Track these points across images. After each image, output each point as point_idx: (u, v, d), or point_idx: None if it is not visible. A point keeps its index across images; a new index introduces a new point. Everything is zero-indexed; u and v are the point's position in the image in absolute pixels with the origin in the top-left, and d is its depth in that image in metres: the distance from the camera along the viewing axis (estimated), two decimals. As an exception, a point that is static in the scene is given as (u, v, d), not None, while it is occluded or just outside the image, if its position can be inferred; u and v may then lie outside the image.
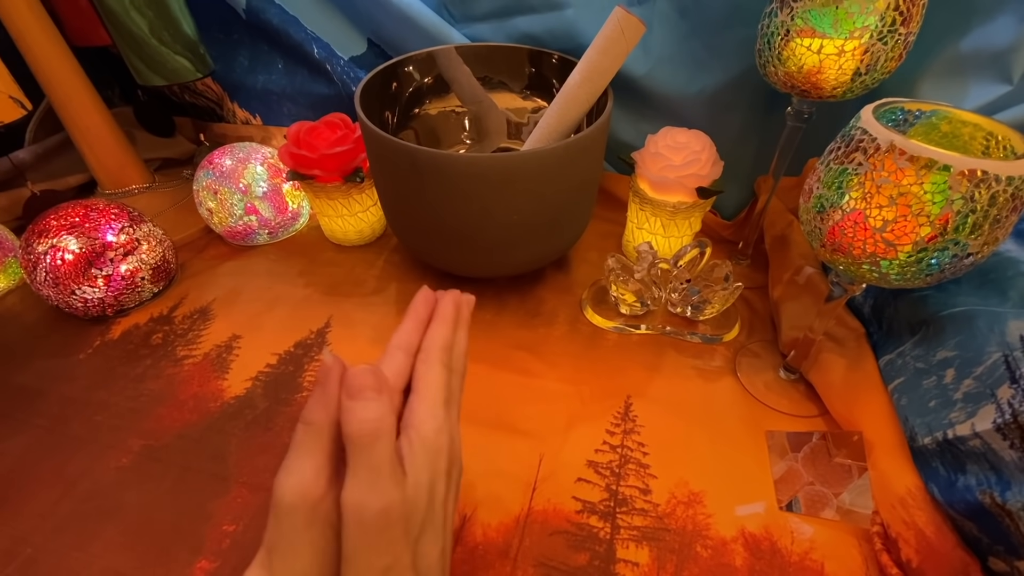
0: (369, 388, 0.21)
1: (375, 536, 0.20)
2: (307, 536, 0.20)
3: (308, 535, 0.20)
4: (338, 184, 0.52)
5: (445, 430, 0.23)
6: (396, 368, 0.25)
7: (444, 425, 0.23)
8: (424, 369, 0.24)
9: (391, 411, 0.22)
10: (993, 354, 0.31)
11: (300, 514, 0.20)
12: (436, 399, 0.24)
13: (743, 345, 0.48)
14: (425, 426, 0.23)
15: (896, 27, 0.34)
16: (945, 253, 0.27)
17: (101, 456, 0.39)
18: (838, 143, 0.30)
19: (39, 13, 0.50)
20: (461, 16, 0.57)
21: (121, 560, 0.33)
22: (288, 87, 0.66)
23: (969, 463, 0.31)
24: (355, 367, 0.22)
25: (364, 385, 0.21)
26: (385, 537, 0.20)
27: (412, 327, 0.26)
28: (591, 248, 0.58)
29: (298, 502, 0.20)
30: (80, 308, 0.47)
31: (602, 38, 0.42)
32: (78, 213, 0.46)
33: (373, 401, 0.21)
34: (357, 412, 0.21)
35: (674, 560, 0.33)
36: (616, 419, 0.41)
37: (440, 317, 0.26)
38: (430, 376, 0.24)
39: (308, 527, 0.20)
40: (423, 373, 0.24)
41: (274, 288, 0.53)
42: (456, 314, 0.27)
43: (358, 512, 0.20)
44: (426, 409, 0.23)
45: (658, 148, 0.48)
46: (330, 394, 0.21)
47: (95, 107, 0.56)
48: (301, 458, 0.21)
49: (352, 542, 0.20)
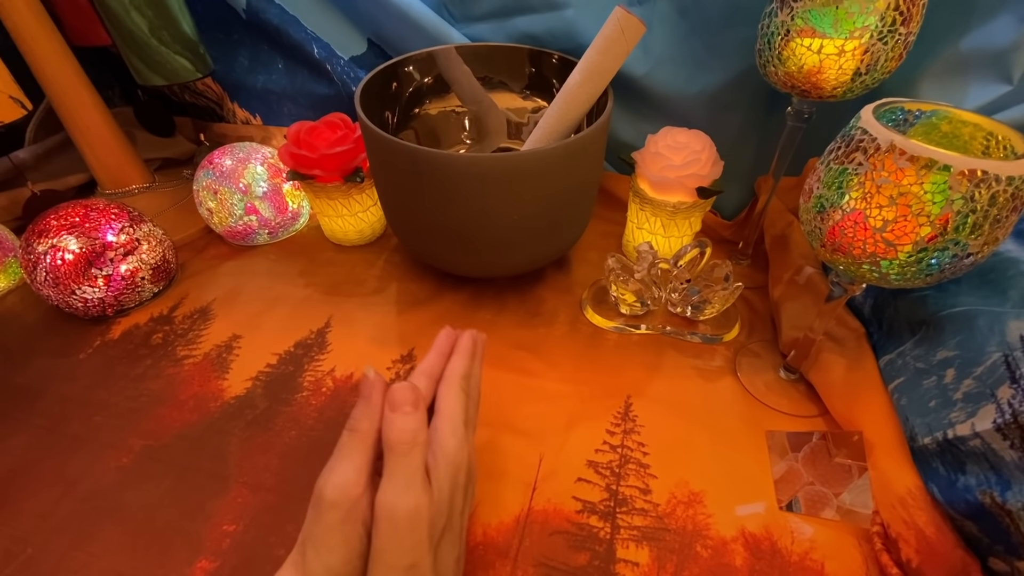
0: (408, 403, 0.24)
1: (404, 534, 0.22)
2: (342, 532, 0.22)
3: (343, 531, 0.22)
4: (338, 184, 0.52)
5: (465, 448, 0.26)
6: (421, 391, 0.27)
7: (464, 443, 0.26)
8: (447, 393, 0.27)
9: (425, 425, 0.24)
10: (993, 354, 0.31)
11: (339, 511, 0.22)
12: (457, 420, 0.26)
13: (743, 345, 0.48)
14: (448, 443, 0.25)
15: (896, 27, 0.34)
16: (945, 253, 0.27)
17: (101, 456, 0.39)
18: (838, 143, 0.30)
19: (39, 13, 0.50)
20: (461, 16, 0.57)
21: (121, 560, 0.33)
22: (288, 87, 0.66)
23: (969, 463, 0.31)
24: (397, 384, 0.25)
25: (404, 400, 0.24)
26: (412, 537, 0.22)
27: (436, 359, 0.29)
28: (591, 248, 0.58)
29: (339, 499, 0.22)
30: (80, 308, 0.47)
31: (602, 38, 0.42)
32: (78, 213, 0.46)
33: (411, 415, 0.24)
34: (397, 422, 0.24)
35: (674, 560, 0.33)
36: (616, 419, 0.41)
37: (460, 349, 0.29)
38: (451, 399, 0.27)
39: (344, 523, 0.22)
40: (446, 396, 0.27)
41: (274, 288, 0.53)
42: (474, 348, 0.30)
43: (391, 511, 0.22)
44: (449, 428, 0.26)
45: (658, 148, 0.48)
46: (374, 406, 0.24)
47: (95, 107, 0.56)
48: (344, 460, 0.23)
49: (382, 539, 0.22)
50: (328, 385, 0.44)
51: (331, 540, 0.22)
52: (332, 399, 0.43)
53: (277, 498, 0.36)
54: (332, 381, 0.44)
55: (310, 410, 0.42)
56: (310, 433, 0.40)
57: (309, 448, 0.39)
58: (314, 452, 0.39)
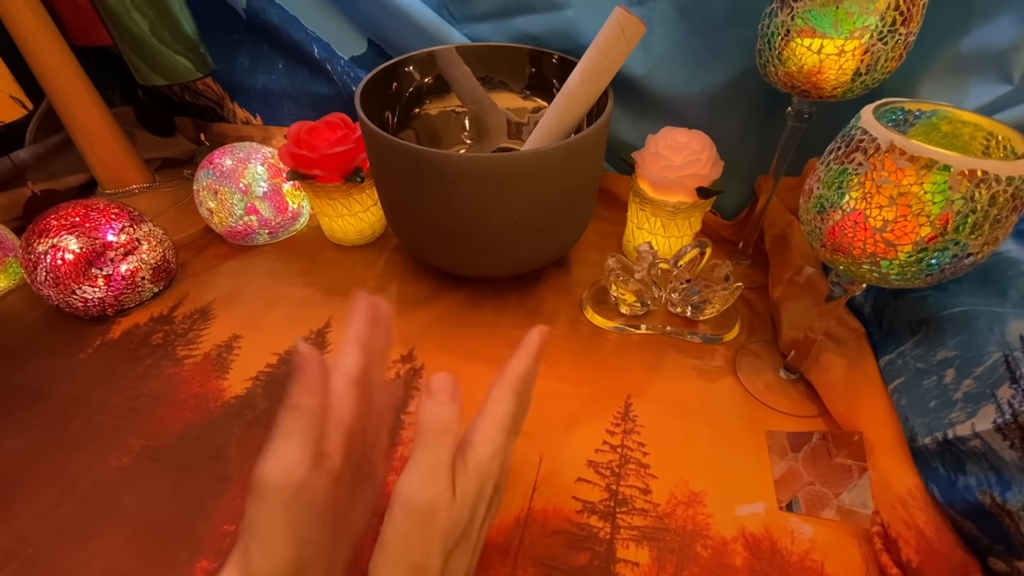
0: (446, 392, 0.23)
1: (416, 529, 0.21)
2: (287, 518, 0.20)
3: (288, 517, 0.20)
4: (338, 184, 0.52)
5: (499, 458, 0.24)
6: (460, 386, 0.25)
7: (499, 452, 0.24)
8: (499, 394, 0.25)
9: (459, 419, 0.23)
10: (993, 354, 0.31)
11: (281, 496, 0.20)
12: (501, 425, 0.24)
13: (743, 345, 0.48)
14: (483, 450, 0.23)
15: (896, 27, 0.34)
16: (945, 253, 0.27)
17: (101, 456, 0.39)
18: (838, 143, 0.30)
19: (40, 13, 0.50)
20: (461, 16, 0.57)
21: (121, 560, 0.33)
22: (288, 87, 0.66)
23: (969, 463, 0.31)
24: (438, 373, 0.23)
25: (442, 388, 0.23)
26: (424, 534, 0.21)
27: (366, 328, 0.25)
28: (591, 248, 0.58)
29: (280, 483, 0.20)
30: (80, 308, 0.47)
31: (602, 38, 0.42)
32: (78, 213, 0.46)
33: (447, 405, 0.23)
34: (432, 407, 0.22)
35: (674, 560, 0.33)
36: (616, 419, 0.41)
37: (526, 347, 0.27)
38: (502, 402, 0.25)
39: (288, 509, 0.20)
40: (497, 398, 0.25)
41: (274, 288, 0.53)
42: (540, 348, 0.27)
43: (408, 499, 0.21)
44: (488, 432, 0.24)
45: (658, 148, 0.48)
46: (311, 380, 0.22)
47: (95, 107, 0.56)
48: (284, 441, 0.21)
49: (393, 528, 0.21)
50: (328, 385, 0.44)
51: (275, 528, 0.20)
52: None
53: (277, 498, 0.36)
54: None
55: (310, 410, 0.42)
56: (310, 433, 0.40)
57: (309, 448, 0.39)
58: (314, 452, 0.39)
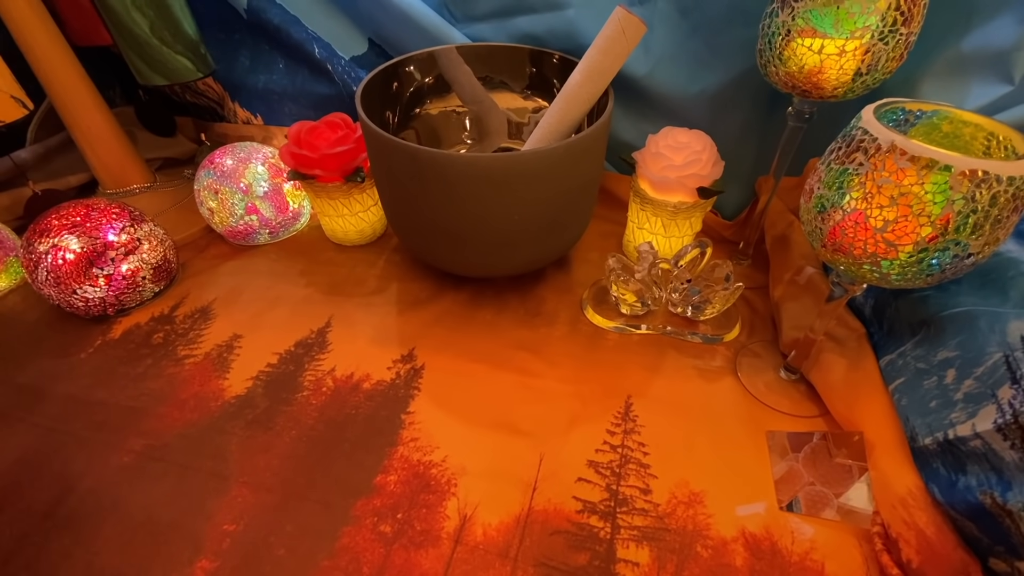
0: None
1: None
2: None
3: None
4: (339, 184, 0.52)
5: None
6: None
7: None
8: None
9: None
10: (994, 354, 0.31)
11: None
12: None
13: (744, 345, 0.48)
14: None
15: (897, 27, 0.34)
16: (946, 253, 0.27)
17: (102, 455, 0.39)
18: (839, 143, 0.30)
19: (40, 13, 0.50)
20: (462, 16, 0.57)
21: (121, 559, 0.33)
22: (289, 87, 0.66)
23: (970, 463, 0.31)
24: None
25: None
26: None
27: None
28: (592, 248, 0.58)
29: None
30: (81, 307, 0.47)
31: (603, 38, 0.42)
32: (79, 212, 0.46)
33: None
34: None
35: (674, 560, 0.33)
36: (616, 419, 0.41)
37: None
38: None
39: None
40: None
41: (275, 288, 0.53)
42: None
43: None
44: None
45: (659, 148, 0.48)
46: None
47: (96, 107, 0.56)
48: None
49: None
50: (328, 385, 0.44)
51: None
52: (332, 399, 0.43)
53: (277, 498, 0.36)
54: (332, 381, 0.44)
55: (310, 410, 0.42)
56: (310, 433, 0.40)
57: (309, 448, 0.39)
58: (314, 452, 0.39)
